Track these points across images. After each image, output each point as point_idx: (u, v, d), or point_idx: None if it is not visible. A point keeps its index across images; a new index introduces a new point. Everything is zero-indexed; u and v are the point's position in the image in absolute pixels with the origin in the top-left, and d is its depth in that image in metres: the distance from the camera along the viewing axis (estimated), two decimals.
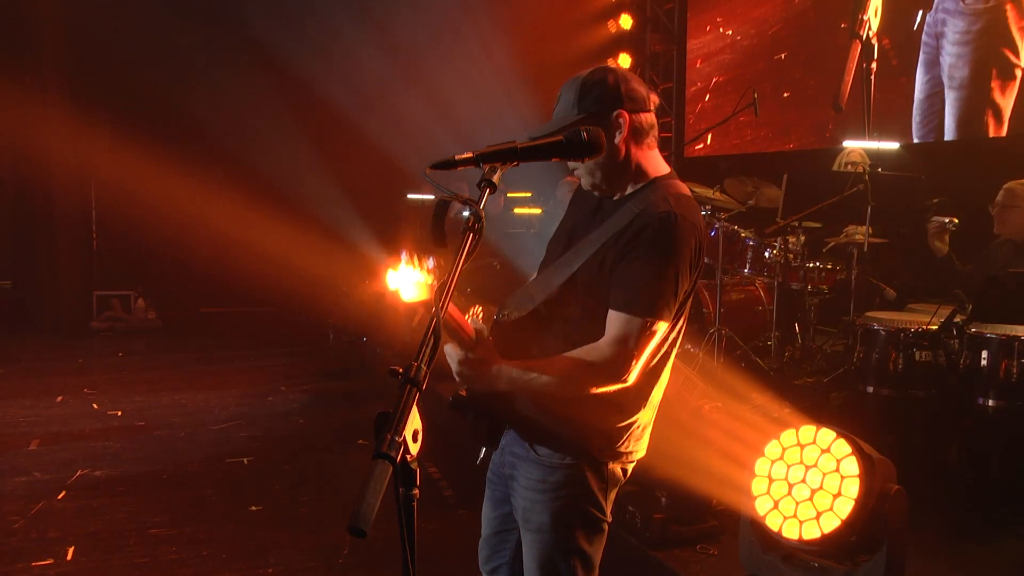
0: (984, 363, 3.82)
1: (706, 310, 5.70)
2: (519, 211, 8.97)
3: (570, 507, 2.04)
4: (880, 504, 2.80)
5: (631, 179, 2.06)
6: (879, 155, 5.96)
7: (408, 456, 1.32)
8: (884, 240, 5.65)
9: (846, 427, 2.97)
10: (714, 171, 7.84)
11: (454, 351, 1.94)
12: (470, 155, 1.69)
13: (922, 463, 3.91)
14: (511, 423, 2.08)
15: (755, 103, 5.63)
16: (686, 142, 9.00)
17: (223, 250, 9.33)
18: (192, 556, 3.93)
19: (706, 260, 2.24)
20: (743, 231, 5.85)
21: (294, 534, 4.21)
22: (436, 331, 1.46)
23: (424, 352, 1.43)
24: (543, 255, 2.23)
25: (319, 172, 10.19)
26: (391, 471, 1.26)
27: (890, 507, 2.79)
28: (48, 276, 10.23)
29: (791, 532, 2.94)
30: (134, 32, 9.75)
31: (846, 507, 2.82)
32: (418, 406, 1.35)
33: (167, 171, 8.94)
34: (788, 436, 3.05)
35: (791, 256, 5.69)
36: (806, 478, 2.96)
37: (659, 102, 1.99)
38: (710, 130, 8.00)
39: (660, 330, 1.93)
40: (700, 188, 5.81)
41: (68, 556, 3.88)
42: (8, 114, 8.97)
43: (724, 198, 6.10)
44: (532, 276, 2.36)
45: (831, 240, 5.91)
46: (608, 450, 2.04)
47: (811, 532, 2.89)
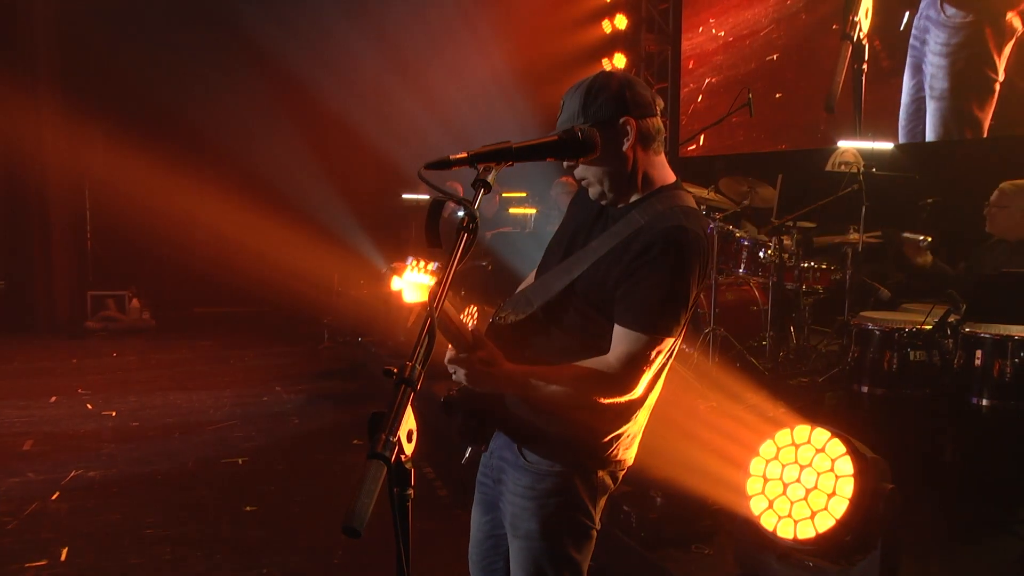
0: (978, 363, 3.83)
1: (701, 310, 5.70)
2: (513, 211, 8.97)
3: (559, 515, 2.02)
4: (874, 503, 2.80)
5: (638, 187, 2.01)
6: (873, 155, 5.97)
7: (402, 456, 1.31)
8: (879, 240, 5.66)
9: (841, 427, 2.98)
10: (709, 171, 7.86)
11: (460, 354, 1.90)
12: (465, 155, 1.68)
13: (916, 463, 3.92)
14: (502, 427, 2.06)
15: (750, 103, 5.63)
16: (680, 143, 9.00)
17: (218, 250, 9.33)
18: (187, 556, 3.92)
19: None
20: (738, 231, 5.86)
21: (289, 534, 4.21)
22: (431, 331, 1.46)
23: (418, 352, 1.43)
24: (538, 255, 2.21)
25: (314, 172, 10.19)
26: (385, 471, 1.25)
27: (884, 506, 2.80)
28: (42, 276, 10.20)
29: (786, 532, 2.95)
30: (128, 32, 9.73)
31: (840, 506, 2.83)
32: (413, 406, 1.35)
33: (161, 171, 8.92)
34: (783, 436, 3.06)
35: (786, 256, 5.70)
36: (801, 478, 2.97)
37: (664, 105, 2.00)
38: (704, 130, 8.02)
39: (667, 346, 1.92)
40: (695, 188, 5.82)
41: (62, 557, 3.87)
42: (1, 114, 8.95)
43: (719, 198, 6.11)
44: (527, 277, 2.36)
45: (826, 239, 5.92)
46: (598, 458, 2.03)
47: (806, 531, 2.90)
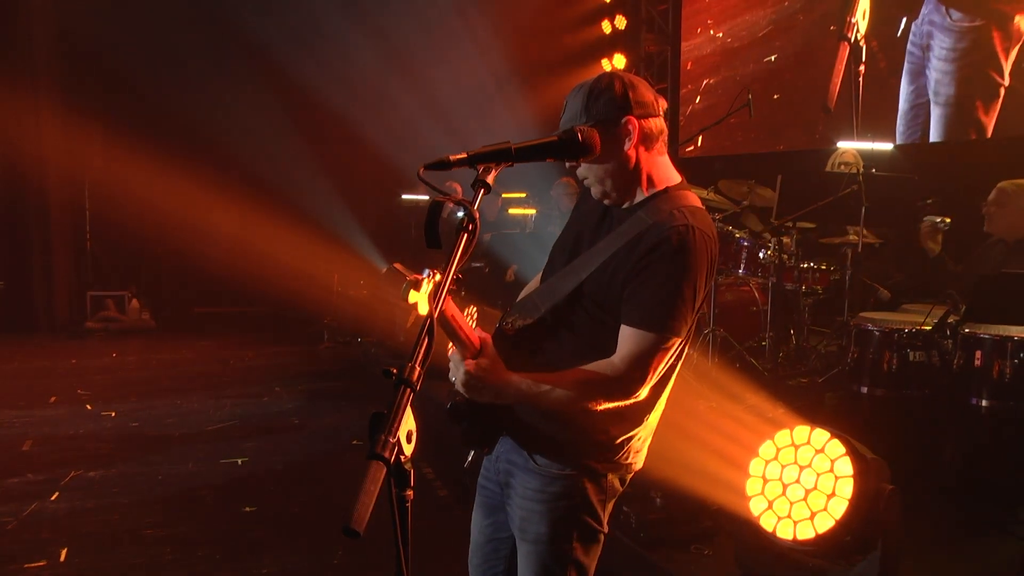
0: (977, 363, 3.84)
1: (701, 311, 5.70)
2: (513, 211, 8.97)
3: (568, 518, 2.01)
4: (874, 504, 2.80)
5: (642, 187, 2.00)
6: (872, 156, 5.97)
7: (402, 457, 1.31)
8: (878, 240, 5.66)
9: (840, 427, 2.98)
10: (708, 172, 7.86)
11: (460, 360, 1.91)
12: (464, 156, 1.68)
13: (916, 463, 3.92)
14: (510, 431, 2.05)
15: (750, 104, 5.63)
16: (678, 143, 9.00)
17: (217, 251, 9.33)
18: (186, 557, 3.92)
19: None
20: (738, 231, 5.86)
21: (288, 535, 4.21)
22: (430, 331, 1.46)
23: (418, 353, 1.43)
24: (538, 256, 2.21)
25: (313, 172, 10.19)
26: (385, 472, 1.26)
27: (884, 507, 2.80)
28: (42, 277, 10.21)
29: (785, 532, 2.95)
30: (128, 32, 9.72)
31: (840, 507, 2.83)
32: (412, 407, 1.35)
33: (161, 172, 8.94)
34: (782, 436, 3.05)
35: (785, 257, 5.70)
36: (800, 478, 2.96)
37: (667, 106, 2.01)
38: (703, 131, 8.01)
39: (674, 346, 1.92)
40: (695, 189, 5.80)
41: (61, 557, 3.87)
42: (1, 114, 8.95)
43: (719, 199, 6.11)
44: (527, 278, 2.36)
45: (827, 239, 5.93)
46: (608, 461, 2.02)
47: (805, 532, 2.90)
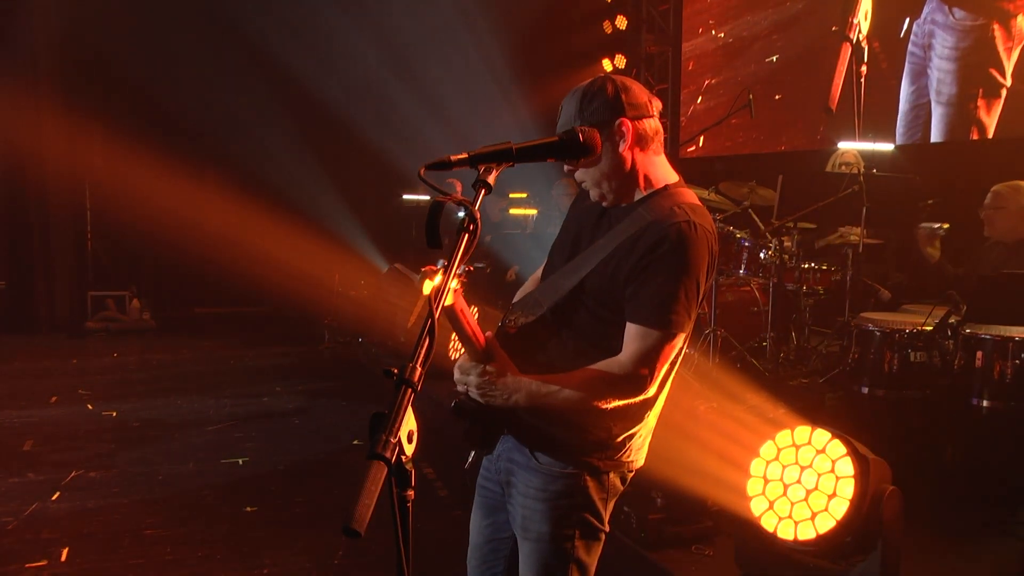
0: (978, 364, 3.84)
1: (702, 311, 5.71)
2: (514, 212, 8.97)
3: (570, 516, 2.02)
4: (875, 505, 2.80)
5: (639, 187, 2.02)
6: (873, 156, 5.98)
7: (403, 457, 1.31)
8: (879, 241, 5.66)
9: (841, 428, 2.98)
10: (709, 172, 7.86)
11: (471, 365, 1.91)
12: (465, 156, 1.69)
13: (917, 464, 3.92)
14: (512, 430, 2.05)
15: (751, 104, 5.64)
16: (679, 144, 9.00)
17: (218, 250, 9.31)
18: (187, 557, 3.92)
19: None
20: (739, 232, 5.86)
21: (289, 535, 4.21)
22: (431, 331, 1.46)
23: (419, 352, 1.43)
24: (538, 256, 2.21)
25: (314, 172, 10.19)
26: (386, 472, 1.26)
27: (885, 508, 2.79)
28: (43, 277, 10.21)
29: (786, 533, 2.95)
30: (128, 32, 9.73)
31: (841, 508, 2.82)
32: (413, 407, 1.35)
33: (161, 171, 8.93)
34: (783, 437, 3.05)
35: (786, 257, 5.70)
36: (801, 479, 2.96)
37: (662, 107, 2.00)
38: (704, 131, 8.02)
39: (680, 342, 1.93)
40: (696, 189, 5.80)
41: (62, 557, 3.87)
42: (2, 115, 8.96)
43: (719, 199, 6.11)
44: (527, 280, 2.36)
45: (824, 240, 5.92)
46: (610, 459, 2.03)
47: (806, 533, 2.90)
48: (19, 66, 9.65)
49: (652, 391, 1.93)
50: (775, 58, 7.97)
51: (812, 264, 5.82)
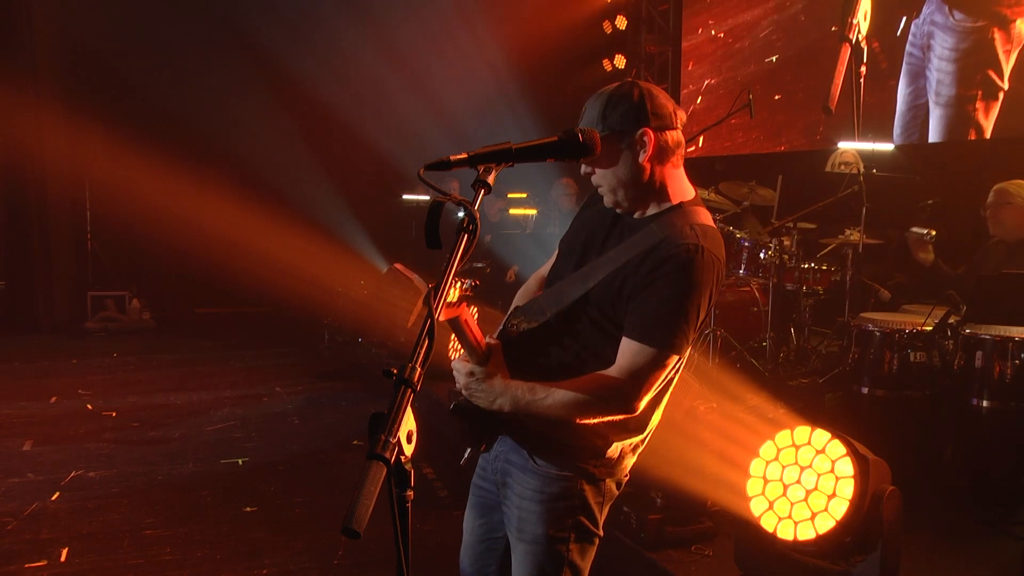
0: (978, 364, 3.84)
1: None
2: (514, 212, 8.97)
3: (566, 519, 2.02)
4: (875, 505, 2.80)
5: (655, 199, 2.01)
6: (872, 156, 5.97)
7: (402, 457, 1.32)
8: (879, 241, 5.66)
9: (841, 428, 2.98)
10: (709, 172, 7.86)
11: (462, 365, 1.93)
12: (465, 156, 1.69)
13: (916, 464, 3.92)
14: (510, 431, 2.05)
15: (751, 104, 5.63)
16: None
17: (218, 251, 9.31)
18: (187, 557, 3.92)
19: None
20: (738, 232, 5.86)
21: (289, 535, 4.21)
22: (431, 332, 1.46)
23: (419, 353, 1.43)
24: (538, 256, 2.21)
25: (314, 172, 10.20)
26: (385, 472, 1.26)
27: (885, 508, 2.79)
28: (42, 277, 10.20)
29: (786, 533, 2.95)
30: (128, 32, 9.74)
31: (841, 508, 2.82)
32: (412, 407, 1.35)
33: (161, 171, 8.93)
34: (783, 437, 3.05)
35: (786, 257, 5.70)
36: (801, 479, 2.96)
37: (685, 119, 1.99)
38: (704, 131, 8.01)
39: (673, 362, 1.91)
40: (696, 189, 5.81)
41: (62, 557, 3.87)
42: (2, 114, 8.95)
43: (719, 199, 6.11)
44: (528, 280, 2.36)
45: (827, 241, 5.92)
46: (606, 466, 2.04)
47: (806, 533, 2.90)
48: (20, 66, 9.64)
49: (639, 408, 1.91)
50: (775, 58, 7.97)
51: (812, 264, 5.82)
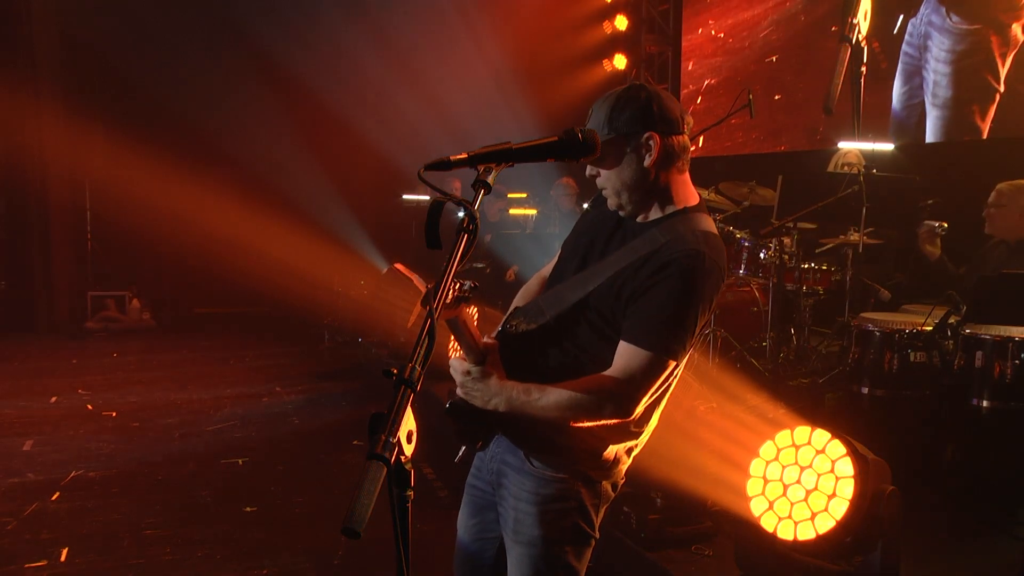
0: (978, 364, 3.84)
1: None
2: (514, 212, 8.97)
3: (562, 521, 2.02)
4: (874, 505, 2.80)
5: (659, 204, 2.01)
6: (873, 156, 5.98)
7: (402, 457, 1.32)
8: (879, 241, 5.66)
9: (841, 428, 2.98)
10: (709, 172, 7.85)
11: (459, 364, 1.93)
12: (465, 156, 1.69)
13: (916, 464, 3.92)
14: (506, 431, 2.05)
15: (751, 104, 5.62)
16: None
17: (218, 251, 9.31)
18: (187, 557, 3.92)
19: None
20: (738, 232, 5.86)
21: (289, 535, 4.21)
22: (431, 332, 1.46)
23: (419, 353, 1.43)
24: (538, 256, 2.22)
25: (314, 172, 10.19)
26: (385, 472, 1.26)
27: (885, 508, 2.79)
28: (43, 276, 10.20)
29: (786, 533, 2.94)
30: (128, 32, 9.73)
31: (841, 508, 2.82)
32: (412, 407, 1.35)
33: (161, 171, 8.94)
34: (783, 437, 3.05)
35: (786, 257, 5.70)
36: (801, 479, 2.96)
37: (692, 124, 2.00)
38: (704, 131, 8.00)
39: (670, 368, 1.91)
40: (696, 189, 5.80)
41: (62, 557, 3.87)
42: (2, 114, 8.95)
43: (719, 199, 6.10)
44: (527, 279, 2.36)
45: (827, 241, 5.92)
46: (602, 469, 2.03)
47: (806, 533, 2.90)
48: (20, 66, 9.64)
49: (634, 412, 1.90)
50: (775, 58, 7.98)
51: (812, 264, 5.82)
